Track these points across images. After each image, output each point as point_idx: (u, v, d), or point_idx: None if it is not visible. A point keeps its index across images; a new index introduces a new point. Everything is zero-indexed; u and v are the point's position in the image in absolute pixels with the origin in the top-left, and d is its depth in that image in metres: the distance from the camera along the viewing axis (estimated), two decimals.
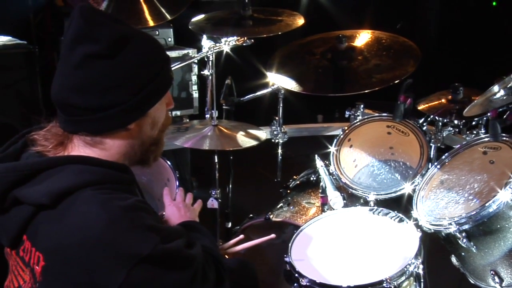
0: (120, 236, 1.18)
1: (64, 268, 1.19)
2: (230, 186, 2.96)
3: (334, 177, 2.44)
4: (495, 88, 1.96)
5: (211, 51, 2.64)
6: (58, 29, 4.00)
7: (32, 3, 4.02)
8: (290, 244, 2.00)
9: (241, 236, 1.87)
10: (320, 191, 2.31)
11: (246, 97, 2.85)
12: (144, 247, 1.18)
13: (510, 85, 1.91)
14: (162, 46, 1.42)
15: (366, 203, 2.40)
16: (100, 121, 1.28)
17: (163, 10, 2.54)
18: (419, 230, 1.97)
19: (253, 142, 2.56)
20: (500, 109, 2.03)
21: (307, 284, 1.81)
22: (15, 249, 1.31)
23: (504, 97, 1.96)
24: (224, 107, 2.80)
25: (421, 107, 2.52)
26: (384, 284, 1.76)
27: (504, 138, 2.04)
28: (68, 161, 1.29)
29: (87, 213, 1.19)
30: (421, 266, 1.89)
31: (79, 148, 1.34)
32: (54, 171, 1.26)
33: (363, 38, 2.65)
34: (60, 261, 1.20)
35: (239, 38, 2.64)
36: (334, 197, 2.20)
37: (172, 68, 2.67)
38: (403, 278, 1.81)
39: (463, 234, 1.92)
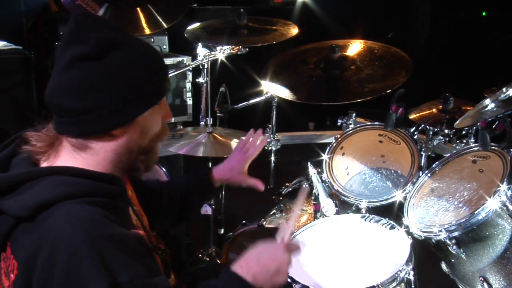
0: (77, 267, 1.15)
1: (29, 281, 1.19)
2: (223, 192, 2.97)
3: (326, 184, 2.46)
4: (487, 101, 2.00)
5: (206, 59, 2.66)
6: (52, 34, 3.95)
7: (24, 8, 3.96)
8: None
9: None
10: (312, 198, 2.33)
11: (240, 104, 2.87)
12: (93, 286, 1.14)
13: (500, 97, 1.95)
14: (158, 56, 1.37)
15: (358, 210, 2.42)
16: (82, 124, 1.26)
17: (160, 19, 2.54)
18: (410, 237, 2.00)
19: None
20: (489, 119, 2.07)
21: None
22: (2, 254, 1.32)
23: (494, 109, 2.00)
24: (218, 114, 2.82)
25: (412, 116, 2.54)
26: None
27: (493, 148, 2.07)
28: (50, 172, 1.27)
29: (56, 233, 1.17)
30: (411, 272, 1.91)
31: (67, 151, 1.32)
32: (35, 182, 1.25)
33: (355, 48, 2.67)
34: (27, 273, 1.20)
35: (234, 46, 2.66)
36: (327, 204, 2.23)
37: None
38: (394, 284, 1.83)
39: (453, 241, 1.94)
